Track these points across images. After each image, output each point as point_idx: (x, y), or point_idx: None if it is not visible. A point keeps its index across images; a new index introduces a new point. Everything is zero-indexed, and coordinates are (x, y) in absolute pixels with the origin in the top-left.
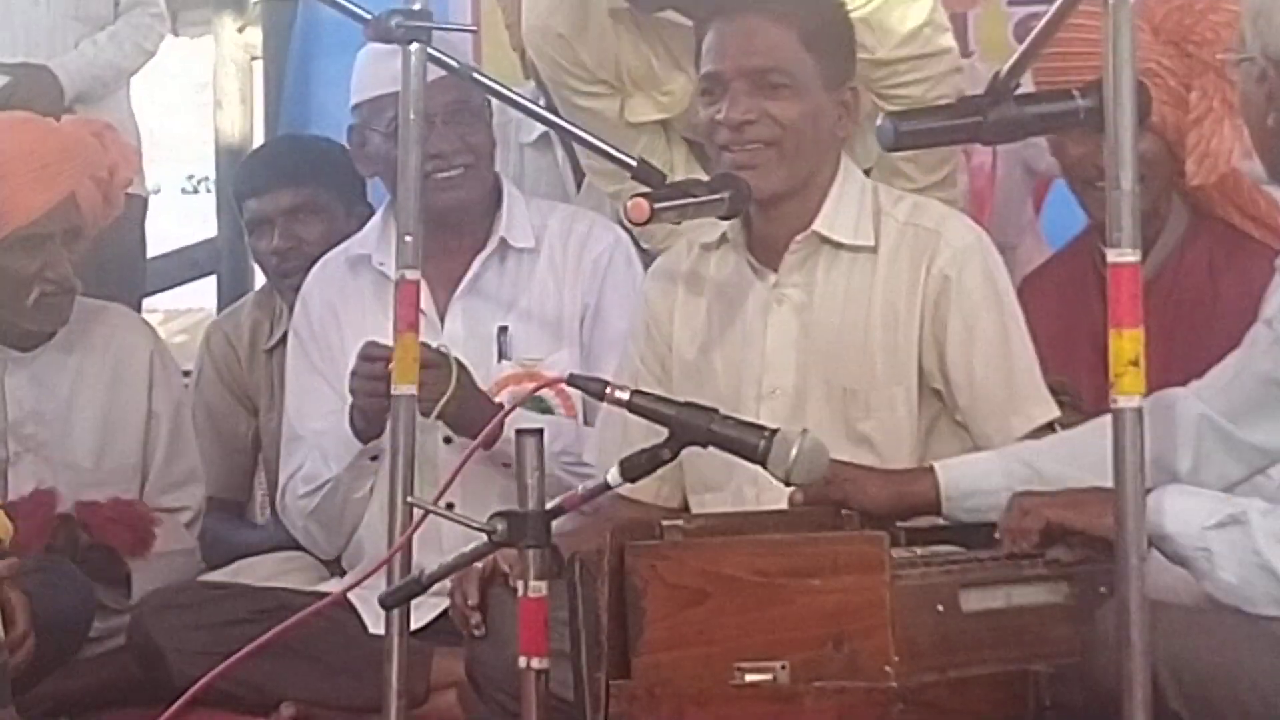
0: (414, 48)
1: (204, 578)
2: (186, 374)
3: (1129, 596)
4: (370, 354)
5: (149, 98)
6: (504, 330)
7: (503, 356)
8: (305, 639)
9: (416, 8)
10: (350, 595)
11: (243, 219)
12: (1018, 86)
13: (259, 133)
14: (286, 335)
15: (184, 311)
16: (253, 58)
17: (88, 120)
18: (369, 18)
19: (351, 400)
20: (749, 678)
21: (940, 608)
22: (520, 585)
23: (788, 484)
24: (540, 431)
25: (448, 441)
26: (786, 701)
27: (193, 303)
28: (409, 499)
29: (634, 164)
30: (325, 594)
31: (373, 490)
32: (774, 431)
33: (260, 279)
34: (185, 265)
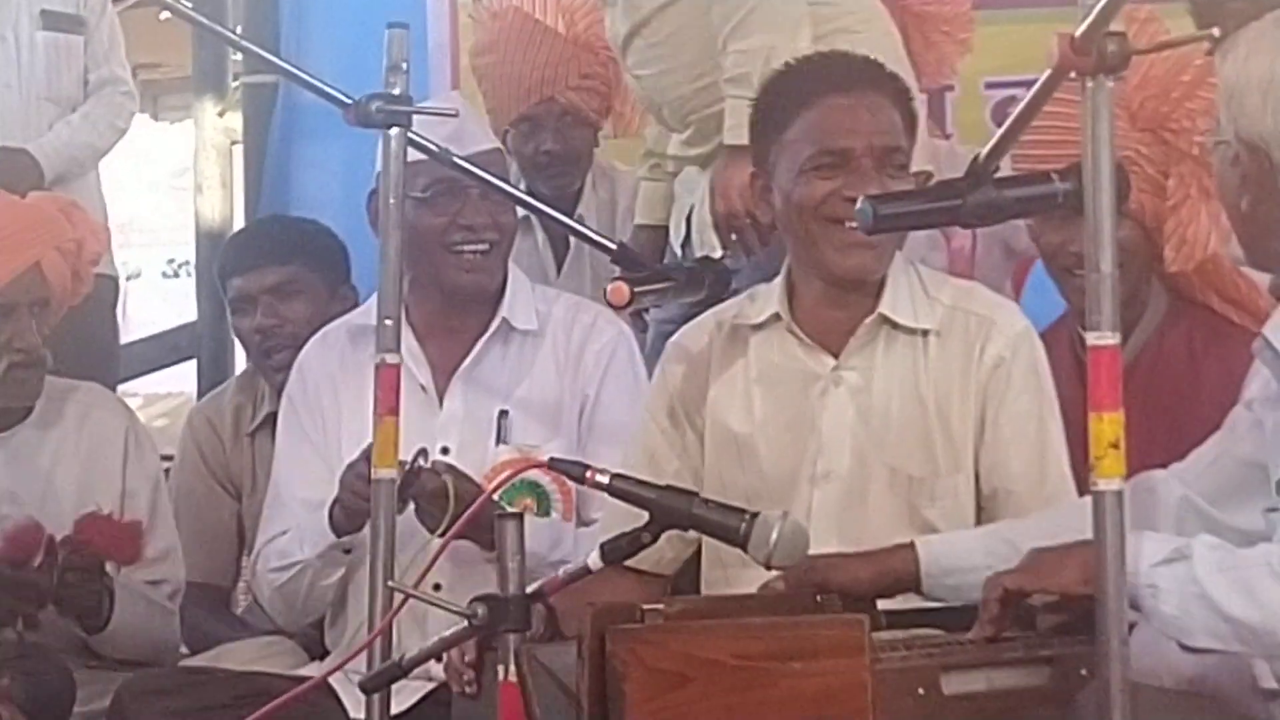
0: (394, 132)
1: (185, 663)
2: (167, 458)
3: (1110, 679)
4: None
5: (129, 181)
6: (504, 414)
7: (501, 440)
8: None
9: (396, 92)
10: (331, 680)
11: (226, 298)
12: (997, 170)
13: (239, 217)
14: (269, 417)
15: (164, 396)
16: (233, 142)
17: (54, 197)
18: (349, 102)
19: (338, 493)
20: None
21: (921, 691)
22: (500, 670)
23: (768, 567)
24: (520, 516)
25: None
26: None
27: (173, 387)
28: (389, 583)
29: (614, 247)
30: (306, 678)
31: (346, 580)
32: (754, 514)
33: (241, 363)
34: (165, 349)
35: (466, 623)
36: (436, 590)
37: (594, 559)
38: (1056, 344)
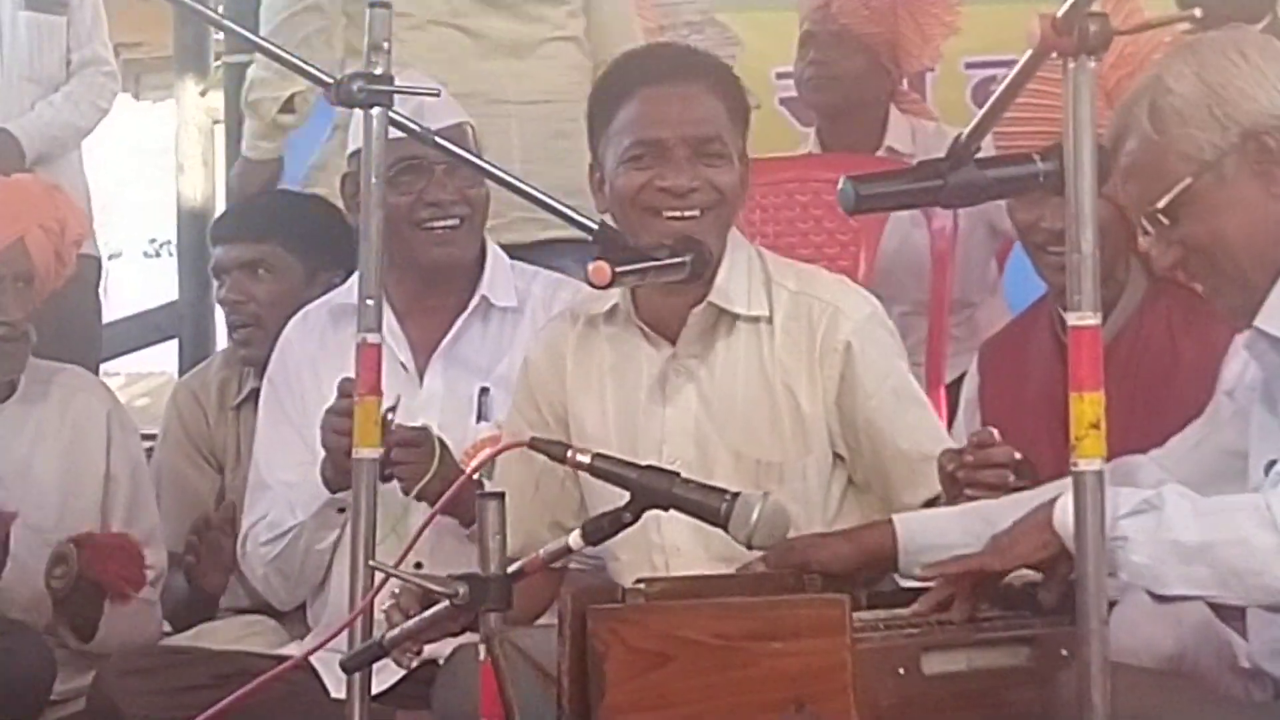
0: (375, 111)
1: (165, 642)
2: (149, 437)
3: (1090, 659)
4: (345, 389)
5: (111, 162)
6: (485, 391)
7: (482, 417)
8: (267, 703)
9: (378, 72)
10: (312, 659)
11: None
12: (978, 150)
13: (220, 196)
14: (254, 392)
15: (145, 375)
16: (215, 121)
17: (37, 179)
18: (330, 81)
19: (322, 439)
20: None
21: (902, 671)
22: (482, 649)
23: (749, 547)
24: (502, 495)
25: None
26: None
27: (154, 366)
28: (370, 562)
29: (595, 227)
30: (287, 657)
31: (336, 546)
32: (736, 494)
33: (223, 341)
34: (147, 329)
35: (448, 601)
36: (418, 569)
37: (575, 538)
38: (1036, 324)
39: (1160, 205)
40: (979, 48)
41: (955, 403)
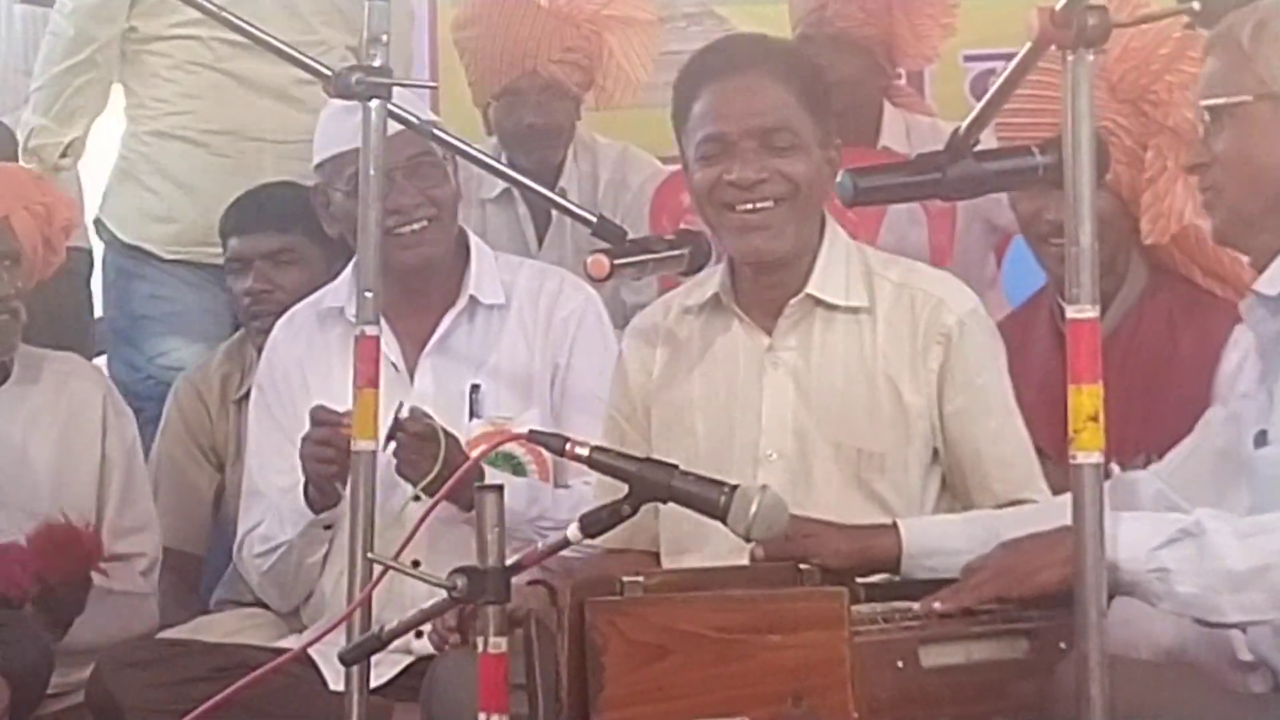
0: (374, 104)
1: (163, 634)
2: None
3: (1089, 651)
4: (320, 418)
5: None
6: (476, 388)
7: (474, 415)
8: (265, 696)
9: (377, 64)
10: (311, 651)
11: (224, 256)
12: (977, 143)
13: None
14: None
15: None
16: None
17: (23, 167)
18: (329, 74)
19: (302, 467)
20: None
21: (900, 664)
22: (480, 641)
23: (748, 540)
24: (500, 487)
25: (417, 499)
26: None
27: None
28: (369, 555)
29: (594, 220)
30: (286, 650)
31: (327, 555)
32: (734, 487)
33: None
34: None
35: (446, 594)
36: (416, 566)
37: (573, 530)
38: (1036, 315)
39: (1210, 104)
40: (977, 41)
41: None
